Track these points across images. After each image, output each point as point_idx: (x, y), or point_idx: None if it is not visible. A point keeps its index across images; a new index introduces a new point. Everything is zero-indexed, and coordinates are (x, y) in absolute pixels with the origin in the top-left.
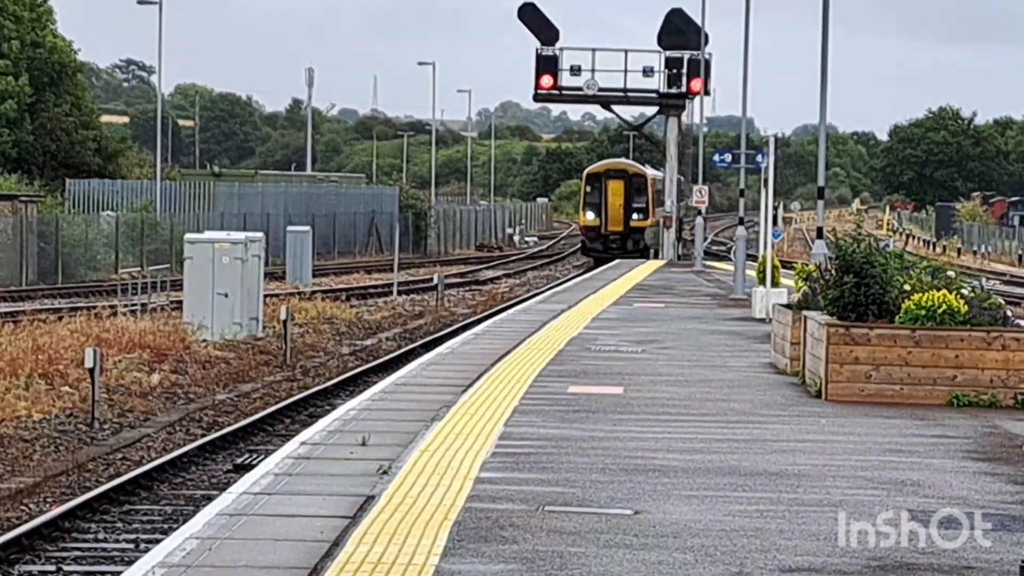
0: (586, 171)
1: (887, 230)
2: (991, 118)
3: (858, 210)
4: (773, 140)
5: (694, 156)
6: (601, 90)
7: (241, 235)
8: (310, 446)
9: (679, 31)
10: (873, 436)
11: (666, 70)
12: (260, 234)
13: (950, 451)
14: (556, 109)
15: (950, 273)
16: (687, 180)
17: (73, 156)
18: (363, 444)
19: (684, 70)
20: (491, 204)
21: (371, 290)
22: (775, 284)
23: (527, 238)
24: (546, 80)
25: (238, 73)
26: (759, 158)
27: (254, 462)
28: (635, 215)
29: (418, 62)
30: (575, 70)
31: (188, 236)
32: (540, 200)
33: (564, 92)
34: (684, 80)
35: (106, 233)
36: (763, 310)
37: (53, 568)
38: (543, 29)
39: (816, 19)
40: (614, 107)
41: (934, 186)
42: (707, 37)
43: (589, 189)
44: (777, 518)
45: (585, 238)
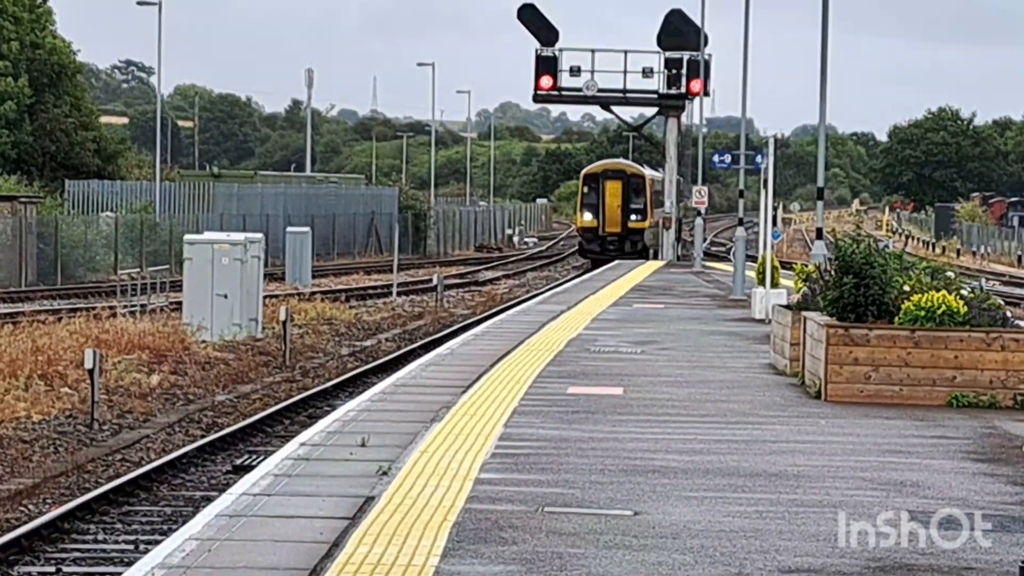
0: (583, 171)
1: (886, 231)
2: (990, 119)
3: (857, 211)
4: (772, 141)
5: (693, 157)
6: (601, 91)
7: (240, 236)
8: (309, 447)
9: (678, 32)
10: (872, 437)
11: (665, 71)
12: (259, 235)
13: (950, 452)
14: (556, 110)
15: (949, 274)
16: (687, 181)
17: (72, 157)
18: (363, 445)
19: (683, 71)
20: (490, 205)
21: (370, 291)
22: (774, 285)
23: (526, 239)
24: (545, 81)
25: (237, 74)
26: (758, 159)
27: (253, 463)
28: (633, 216)
29: (417, 63)
30: (575, 71)
31: (187, 237)
32: (539, 201)
33: (564, 93)
34: (683, 81)
35: (105, 234)
36: (762, 311)
37: (52, 569)
38: (543, 30)
39: (815, 19)
40: (614, 108)
41: (933, 187)
42: (706, 38)
43: (586, 190)
44: (777, 519)
45: (582, 239)
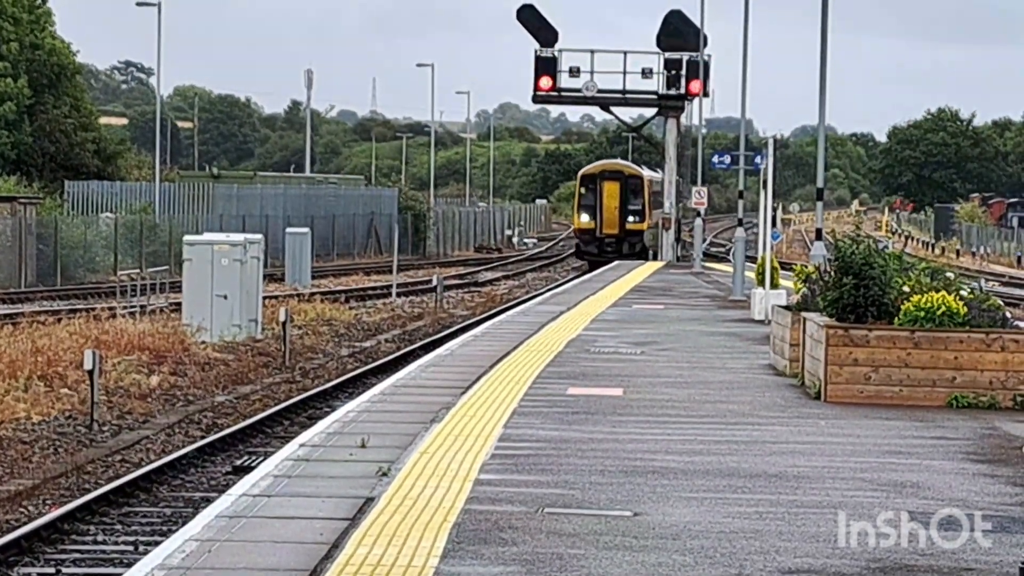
0: (581, 172)
1: (886, 231)
2: (990, 119)
3: (857, 211)
4: (772, 141)
5: (693, 157)
6: (600, 92)
7: (240, 237)
8: (309, 448)
9: (678, 32)
10: (872, 438)
11: (665, 72)
12: (259, 236)
13: (949, 453)
14: (555, 111)
15: (949, 274)
16: (686, 181)
17: (72, 158)
18: (362, 446)
19: (683, 72)
20: (490, 206)
21: (370, 292)
22: (774, 286)
23: (526, 240)
24: (545, 81)
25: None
26: (758, 159)
27: (253, 464)
28: (631, 218)
29: (417, 63)
30: (574, 71)
31: (187, 238)
32: (539, 202)
33: (563, 93)
34: (683, 82)
35: (105, 235)
36: (762, 312)
37: (52, 570)
38: (542, 30)
39: (815, 20)
40: (613, 109)
41: (933, 187)
42: (706, 38)
43: (584, 191)
44: (776, 520)
45: (579, 241)
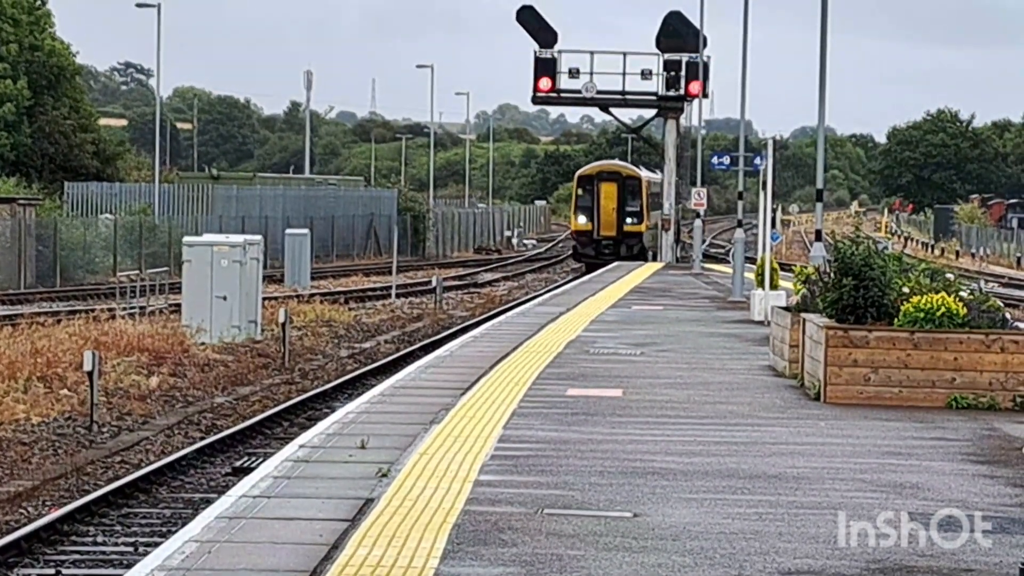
0: (578, 173)
1: (885, 232)
2: (989, 120)
3: (856, 212)
4: (771, 142)
5: (692, 158)
6: (599, 93)
7: (239, 238)
8: (309, 449)
9: (677, 34)
10: (872, 439)
11: (664, 73)
12: (258, 237)
13: (949, 454)
14: (554, 112)
15: (949, 276)
16: (685, 183)
17: (71, 159)
18: (362, 447)
19: (682, 73)
20: (489, 207)
21: (369, 293)
22: (774, 287)
23: (525, 241)
24: (544, 83)
25: (236, 76)
26: (757, 160)
27: (253, 465)
28: (629, 219)
29: (416, 65)
30: (573, 73)
31: (186, 239)
32: (538, 203)
33: (562, 95)
34: (682, 83)
35: (104, 236)
36: (762, 313)
37: (52, 571)
38: (541, 31)
39: (815, 21)
40: (612, 110)
41: (932, 188)
42: (705, 40)
43: (581, 192)
44: (776, 521)
45: (576, 243)
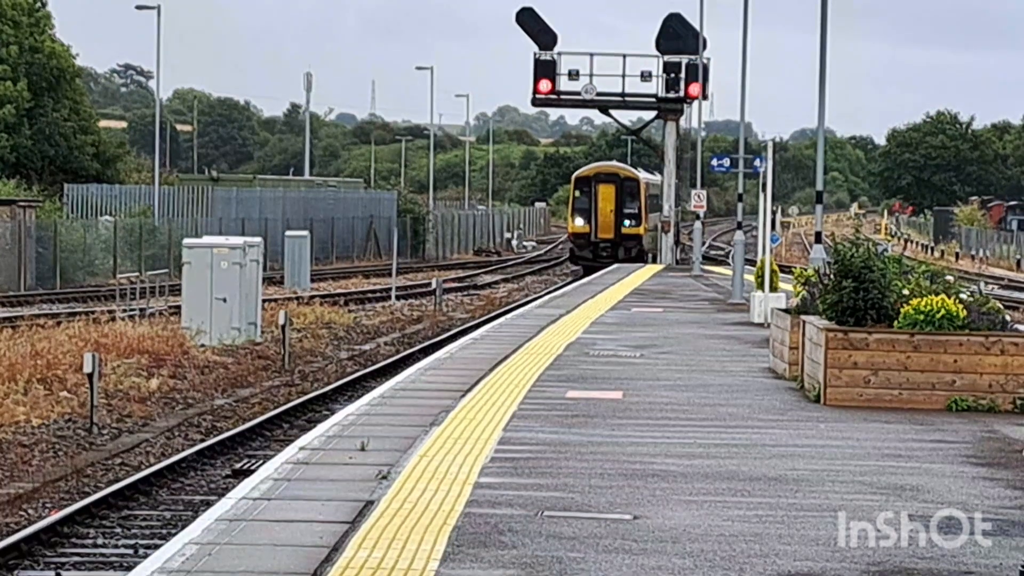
0: (575, 174)
1: (885, 234)
2: (989, 122)
3: (856, 214)
4: (771, 144)
5: (692, 160)
6: (599, 94)
7: (239, 240)
8: (309, 451)
9: (677, 36)
10: (872, 441)
11: (664, 75)
12: (258, 239)
13: (949, 456)
14: (554, 113)
15: (948, 278)
16: (685, 185)
17: (71, 161)
18: (362, 449)
19: (682, 75)
20: (489, 209)
21: (369, 295)
22: (773, 289)
23: (525, 243)
24: (544, 84)
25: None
26: (757, 162)
27: (253, 467)
28: (627, 222)
29: (416, 67)
30: (573, 74)
31: (186, 241)
32: (538, 205)
33: (562, 96)
34: (682, 85)
35: (104, 238)
36: (761, 315)
37: (52, 574)
38: (541, 33)
39: (814, 23)
40: (612, 111)
41: (932, 190)
42: (705, 42)
43: (578, 194)
44: (776, 523)
45: (574, 246)
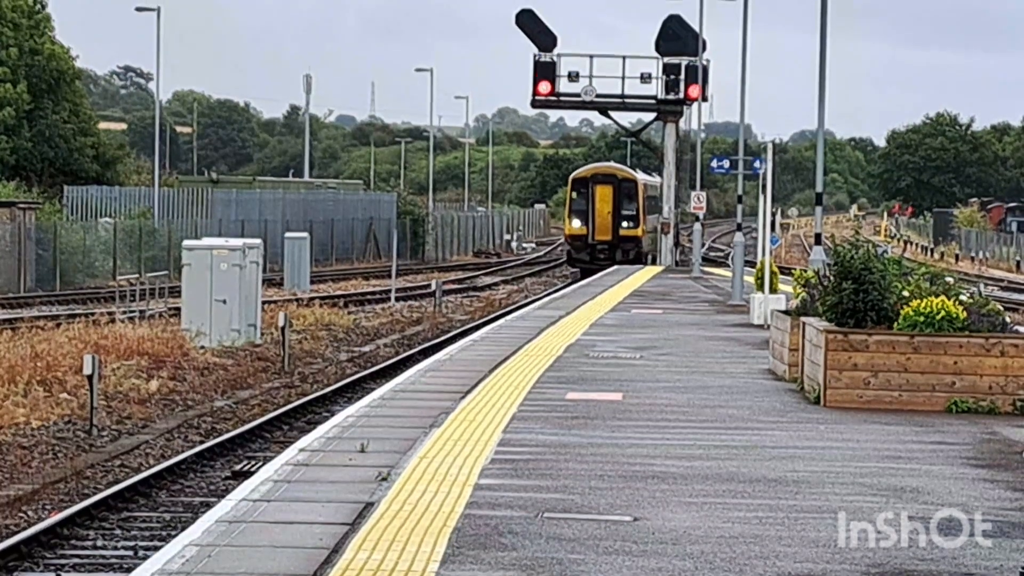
0: (572, 175)
1: (885, 236)
2: (989, 124)
3: (856, 216)
4: (771, 146)
5: (692, 162)
6: (599, 96)
7: (239, 242)
8: (309, 453)
9: (677, 37)
10: (872, 442)
11: (664, 76)
12: (258, 241)
13: (949, 457)
14: (554, 115)
15: (948, 279)
16: (685, 186)
17: (71, 163)
18: (362, 451)
19: (682, 76)
20: (488, 210)
21: (369, 296)
22: (773, 290)
23: (524, 244)
24: (544, 86)
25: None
26: (757, 164)
27: (253, 469)
28: (625, 223)
29: (416, 68)
30: (573, 76)
31: (186, 243)
32: (537, 206)
33: (562, 98)
34: (682, 86)
35: (104, 240)
36: (761, 316)
37: (52, 575)
38: (541, 35)
39: (814, 24)
40: (612, 113)
41: (932, 192)
42: (705, 43)
43: (575, 195)
44: (776, 525)
45: (571, 248)
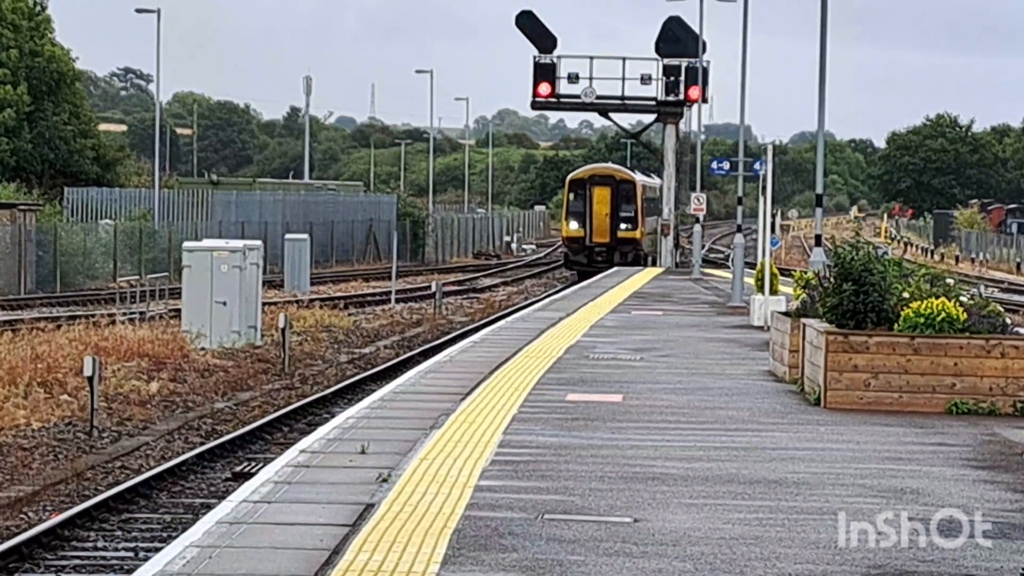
0: (569, 177)
1: (885, 238)
2: (989, 125)
3: (856, 217)
4: (771, 147)
5: (692, 163)
6: (599, 98)
7: (239, 243)
8: (309, 454)
9: (677, 39)
10: (872, 444)
11: (664, 78)
12: (258, 242)
13: (949, 459)
14: (554, 117)
15: (949, 281)
16: (685, 188)
17: (71, 165)
18: (362, 452)
19: (682, 78)
20: (488, 212)
21: (369, 298)
22: (773, 292)
23: (524, 246)
24: (544, 88)
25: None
26: (757, 166)
27: (253, 470)
28: (623, 225)
29: (416, 70)
30: (573, 78)
31: (186, 244)
32: (537, 208)
33: (562, 100)
34: (682, 88)
35: (104, 241)
36: (761, 318)
37: None
38: (541, 37)
39: (814, 26)
40: (612, 115)
41: (932, 193)
42: (705, 45)
43: (572, 196)
44: (777, 526)
45: (568, 250)
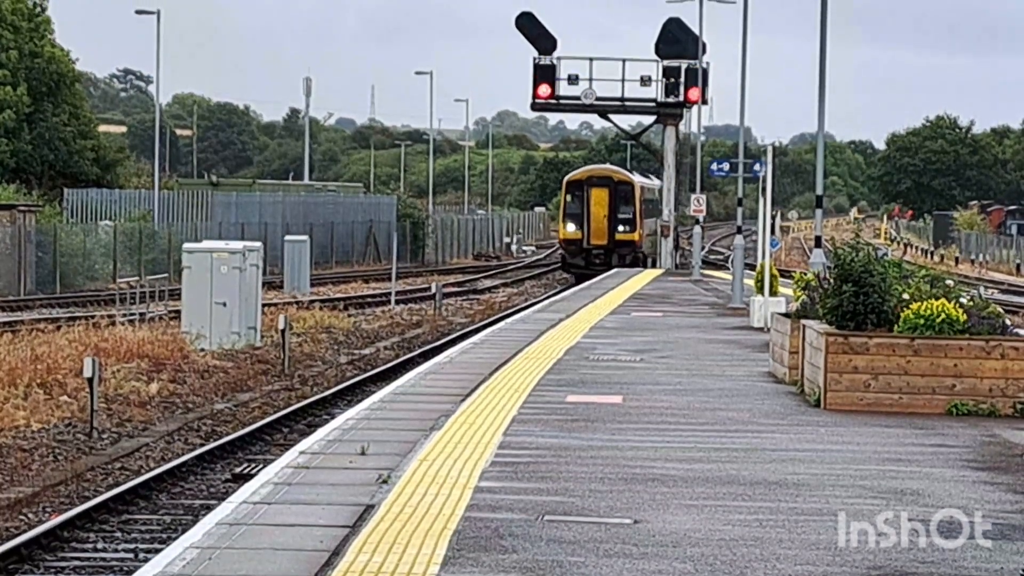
0: (566, 178)
1: (885, 239)
2: (989, 127)
3: (856, 219)
4: (771, 149)
5: (692, 165)
6: (598, 99)
7: (239, 244)
8: (309, 455)
9: (677, 40)
10: (872, 445)
11: (664, 79)
12: (258, 243)
13: (949, 460)
14: (553, 118)
15: (948, 282)
16: (685, 189)
17: (71, 166)
18: (362, 453)
19: (682, 79)
20: (488, 213)
21: (369, 299)
22: (773, 293)
23: (524, 247)
24: (543, 89)
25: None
26: (756, 167)
27: (253, 472)
28: (621, 227)
29: (416, 71)
30: (573, 79)
31: (186, 245)
32: (537, 209)
33: (562, 101)
34: (682, 89)
35: (104, 243)
36: (761, 319)
37: None
38: (541, 38)
39: (813, 30)
40: (611, 116)
41: (932, 195)
42: (705, 46)
43: (570, 198)
44: (777, 527)
45: (565, 253)
